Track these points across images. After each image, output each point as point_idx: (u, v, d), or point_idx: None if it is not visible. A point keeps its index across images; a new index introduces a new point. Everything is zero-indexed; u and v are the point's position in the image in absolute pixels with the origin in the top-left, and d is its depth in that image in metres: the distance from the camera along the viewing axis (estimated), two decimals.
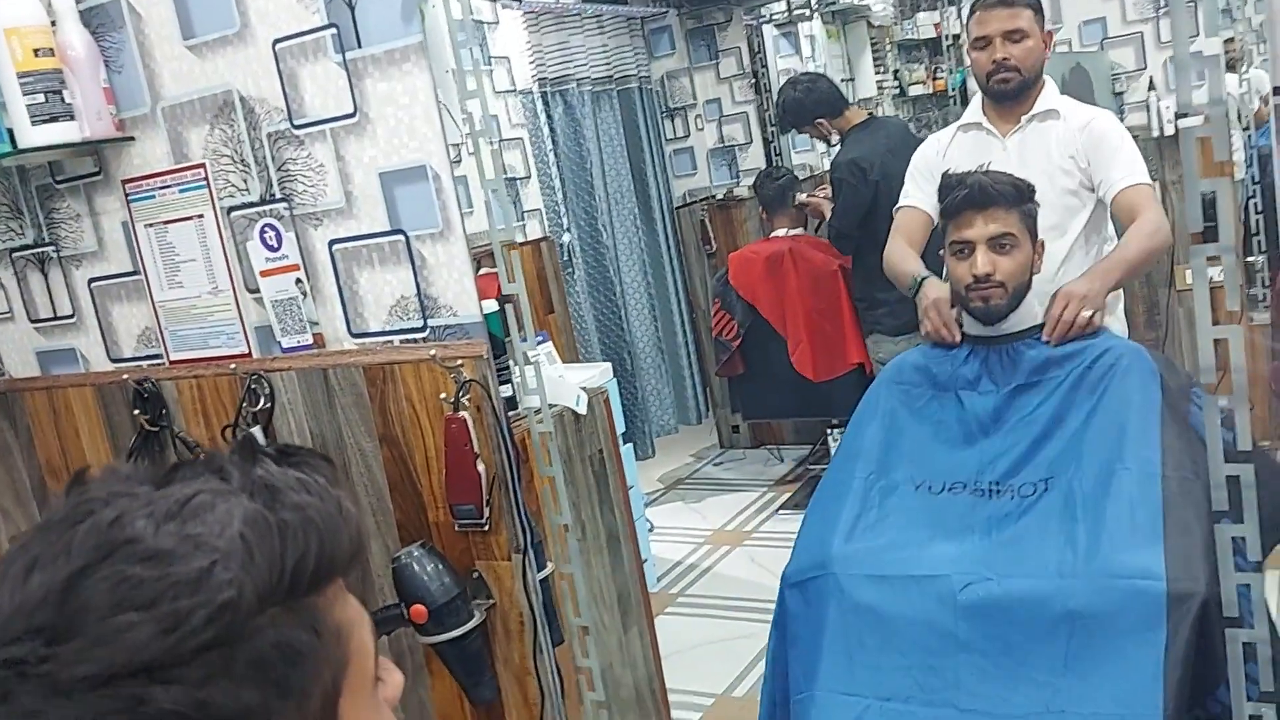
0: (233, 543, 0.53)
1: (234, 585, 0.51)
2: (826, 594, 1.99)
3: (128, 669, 0.49)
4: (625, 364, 4.38)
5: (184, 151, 1.93)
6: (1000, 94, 2.42)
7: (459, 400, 1.72)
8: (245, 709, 0.51)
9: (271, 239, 1.87)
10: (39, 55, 1.84)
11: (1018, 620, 1.83)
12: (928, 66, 6.20)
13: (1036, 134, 2.43)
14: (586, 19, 4.29)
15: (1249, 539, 1.29)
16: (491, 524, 1.79)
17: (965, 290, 2.04)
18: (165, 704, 0.49)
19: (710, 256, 4.76)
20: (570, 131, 4.21)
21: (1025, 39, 2.37)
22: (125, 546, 0.52)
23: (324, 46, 1.74)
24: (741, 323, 4.07)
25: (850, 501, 2.06)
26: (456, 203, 1.71)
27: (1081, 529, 1.87)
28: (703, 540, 4.01)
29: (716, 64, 4.68)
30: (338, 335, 1.88)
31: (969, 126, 2.52)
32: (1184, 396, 1.99)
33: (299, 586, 0.54)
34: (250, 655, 0.51)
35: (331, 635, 0.56)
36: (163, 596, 0.50)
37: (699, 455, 4.99)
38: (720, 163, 4.77)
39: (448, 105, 1.75)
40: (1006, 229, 2.00)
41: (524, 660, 1.84)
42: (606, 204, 4.37)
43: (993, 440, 2.01)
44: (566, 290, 4.06)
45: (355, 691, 0.58)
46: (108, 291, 2.13)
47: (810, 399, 3.98)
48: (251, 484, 0.56)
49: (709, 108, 4.73)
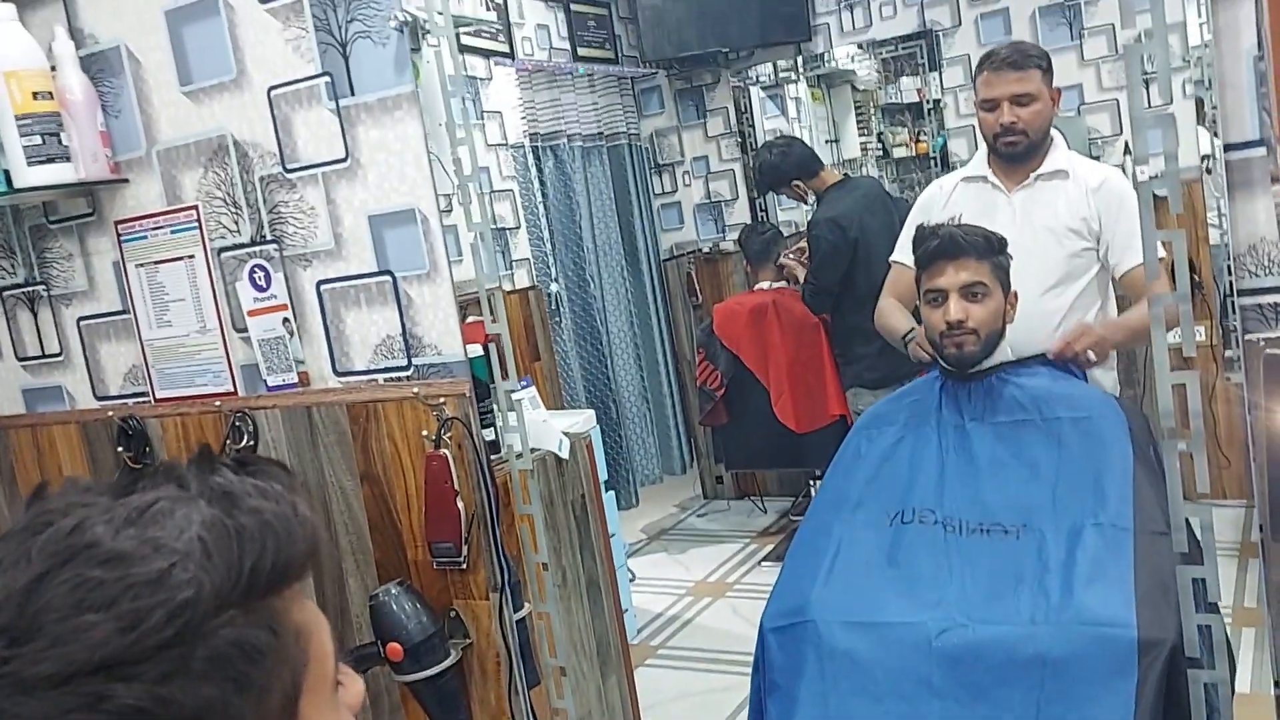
0: (191, 545, 0.54)
1: (192, 585, 0.53)
2: (804, 640, 2.01)
3: (88, 667, 0.50)
4: (610, 413, 4.41)
5: (177, 193, 1.97)
6: (1008, 156, 2.39)
7: (440, 438, 1.75)
8: (205, 704, 0.52)
9: (260, 279, 1.91)
10: (38, 98, 1.89)
11: (991, 666, 1.85)
12: (910, 130, 6.31)
13: (1044, 192, 2.40)
14: (578, 78, 4.38)
15: (1209, 580, 1.32)
16: (470, 562, 1.81)
17: (940, 337, 2.09)
18: (126, 700, 0.50)
19: (696, 308, 4.82)
20: (560, 185, 4.28)
21: (1033, 102, 2.34)
22: (85, 551, 0.53)
23: (318, 94, 1.79)
24: (725, 373, 4.11)
25: (828, 543, 2.08)
26: (444, 245, 1.75)
27: (1054, 578, 1.89)
28: (685, 591, 4.01)
29: (704, 123, 4.78)
30: (323, 374, 1.91)
31: (973, 179, 2.49)
32: (1155, 448, 2.03)
33: (256, 588, 0.56)
34: (209, 653, 0.52)
35: (290, 635, 0.58)
36: (122, 596, 0.51)
37: (682, 505, 4.99)
38: (707, 218, 4.85)
39: (439, 156, 1.81)
40: (978, 278, 2.05)
41: (500, 701, 1.85)
42: (594, 255, 4.43)
43: (967, 476, 2.05)
44: (553, 339, 4.10)
45: (315, 692, 0.59)
46: (96, 330, 2.16)
47: (793, 450, 4.00)
48: (209, 491, 0.58)
49: (696, 164, 4.82)
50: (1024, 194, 2.42)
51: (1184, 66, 3.64)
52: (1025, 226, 2.35)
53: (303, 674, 0.58)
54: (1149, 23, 1.20)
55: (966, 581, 1.96)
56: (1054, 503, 1.97)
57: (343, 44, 1.74)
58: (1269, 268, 1.24)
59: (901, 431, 2.17)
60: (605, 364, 4.43)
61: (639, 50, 4.56)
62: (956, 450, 2.09)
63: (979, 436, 2.09)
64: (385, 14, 1.69)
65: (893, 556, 2.05)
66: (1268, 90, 1.17)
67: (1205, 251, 3.66)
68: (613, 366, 4.47)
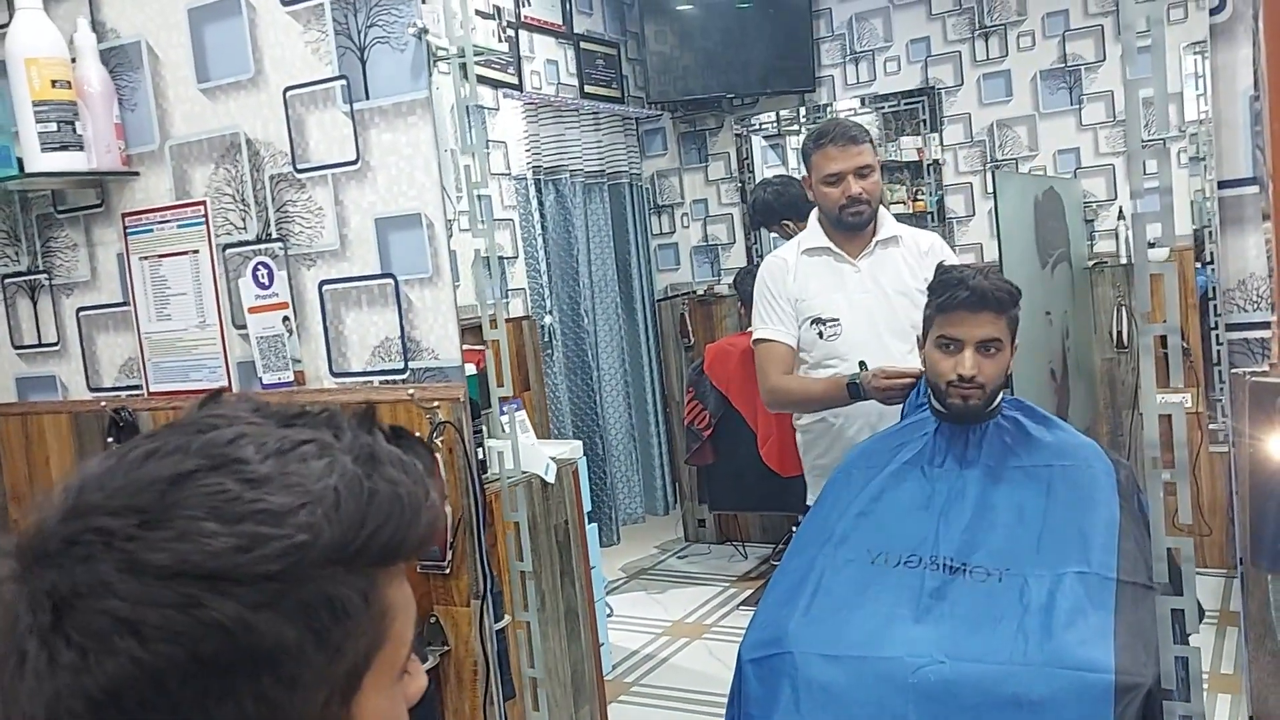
0: (325, 491, 0.56)
1: (313, 530, 0.55)
2: (781, 672, 2.00)
3: (197, 571, 0.52)
4: (597, 449, 4.41)
5: (186, 189, 1.99)
6: (854, 225, 2.47)
7: (433, 440, 1.76)
8: (281, 645, 0.54)
9: (264, 277, 1.93)
10: (56, 86, 1.92)
11: (967, 706, 1.84)
12: (909, 188, 6.40)
13: (886, 257, 2.50)
14: (584, 115, 4.45)
15: (1188, 612, 1.33)
16: (453, 568, 1.80)
17: (946, 385, 2.09)
18: (216, 613, 0.52)
19: (688, 349, 4.84)
20: (560, 218, 4.32)
21: (872, 173, 2.45)
22: (234, 464, 0.56)
23: (333, 96, 1.82)
24: (714, 413, 4.12)
25: (810, 576, 2.08)
26: (448, 249, 1.77)
27: (1034, 621, 1.90)
28: (661, 631, 3.98)
29: (706, 167, 4.84)
30: (319, 374, 1.92)
31: (816, 250, 2.54)
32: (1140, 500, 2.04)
33: (367, 554, 0.57)
34: (303, 597, 0.54)
35: (379, 609, 0.59)
36: (249, 518, 0.54)
37: (664, 547, 4.98)
38: (703, 260, 4.89)
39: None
40: (996, 334, 2.06)
41: (474, 711, 1.84)
42: (590, 290, 4.46)
43: (953, 517, 2.06)
44: (545, 370, 4.12)
45: (382, 672, 0.60)
46: (95, 321, 2.17)
47: (777, 493, 4.00)
48: (358, 447, 0.60)
49: (696, 207, 4.87)
50: (868, 261, 2.49)
51: (1180, 137, 3.72)
52: (876, 291, 2.44)
53: (377, 651, 0.59)
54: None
55: (946, 620, 1.97)
56: (1038, 549, 1.98)
57: (361, 48, 1.78)
58: (1257, 303, 1.27)
59: (891, 469, 2.18)
60: (594, 399, 4.44)
61: (645, 91, 4.63)
62: (946, 492, 2.10)
63: (969, 480, 2.09)
64: (405, 20, 1.73)
65: (874, 593, 2.05)
66: (1262, 129, 1.20)
67: (1193, 320, 3.71)
68: (601, 402, 4.48)
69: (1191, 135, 3.68)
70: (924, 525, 2.08)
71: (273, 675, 0.54)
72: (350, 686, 0.58)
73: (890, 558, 2.06)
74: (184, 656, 0.52)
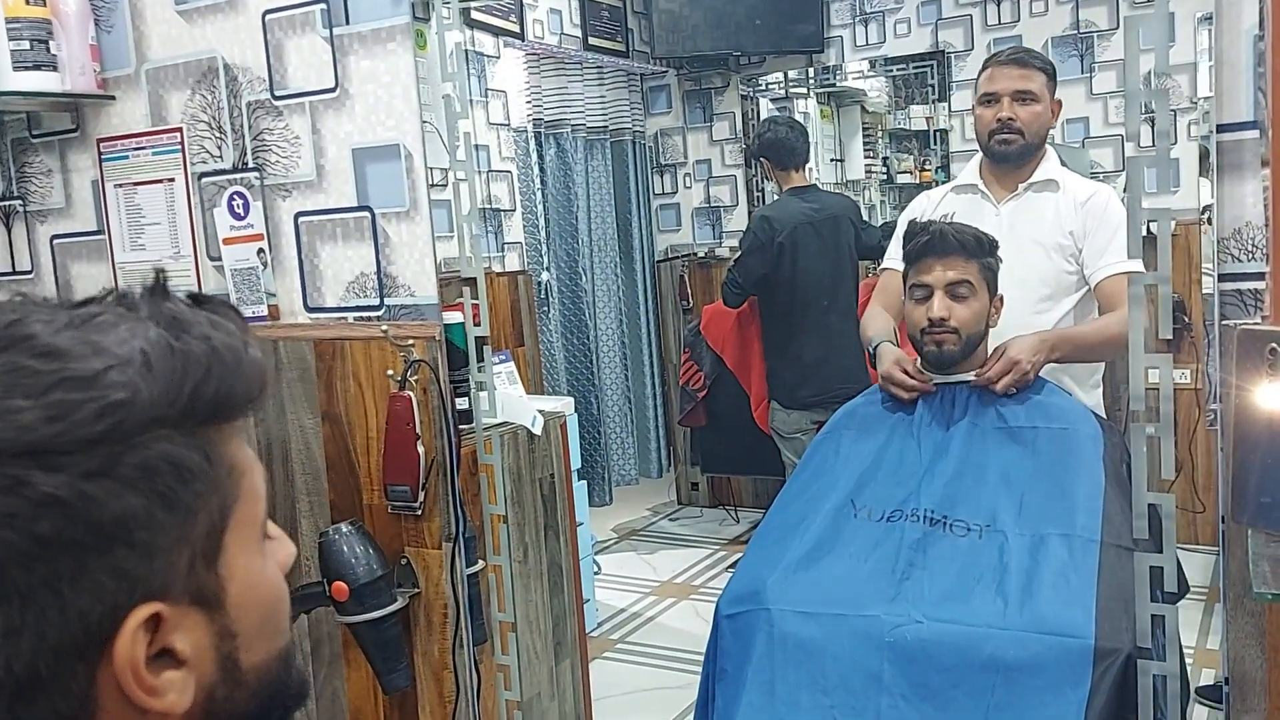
0: (132, 353, 0.53)
1: (128, 388, 0.52)
2: (756, 627, 1.97)
3: (12, 449, 0.49)
4: (591, 408, 4.37)
5: (162, 114, 1.94)
6: (1001, 155, 2.31)
7: (406, 379, 1.72)
8: (128, 512, 0.51)
9: (239, 207, 1.88)
10: (30, 3, 1.87)
11: (943, 666, 1.82)
12: (916, 157, 6.32)
13: (1032, 204, 2.34)
14: (587, 68, 4.37)
15: (1166, 570, 1.29)
16: (425, 509, 1.77)
17: (920, 334, 2.07)
18: (45, 488, 0.49)
19: (686, 312, 4.79)
20: (560, 174, 4.26)
21: (1034, 102, 2.27)
22: (23, 342, 0.52)
23: (312, 20, 1.77)
24: (708, 375, 4.08)
25: (792, 534, 2.06)
26: (426, 183, 1.73)
27: (1014, 583, 1.87)
28: (649, 590, 3.97)
29: (710, 126, 4.77)
30: (293, 309, 1.88)
31: (963, 188, 2.43)
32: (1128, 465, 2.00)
33: (195, 412, 0.54)
34: (138, 461, 0.52)
35: (224, 467, 0.57)
36: (54, 388, 0.51)
37: (656, 510, 4.96)
38: (704, 222, 4.83)
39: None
40: (964, 276, 2.03)
41: (443, 655, 1.81)
42: (589, 248, 4.41)
43: (937, 472, 2.03)
44: (540, 327, 4.07)
45: (242, 530, 0.58)
46: (69, 249, 2.13)
47: (769, 457, 3.97)
48: (160, 314, 0.57)
49: (699, 167, 4.81)
50: (1012, 205, 2.35)
51: (1191, 109, 3.65)
52: (1011, 240, 2.24)
53: (231, 508, 0.57)
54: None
55: (925, 579, 1.94)
56: (1021, 508, 1.95)
57: None
58: (1252, 253, 1.22)
59: (877, 429, 2.15)
60: (590, 358, 4.40)
61: (650, 46, 4.56)
62: (931, 449, 2.07)
63: (955, 437, 2.06)
64: None
65: (855, 550, 2.02)
66: (1265, 71, 1.15)
67: (1196, 295, 3.65)
68: (597, 362, 4.44)
69: (1205, 114, 3.61)
70: (908, 481, 2.04)
71: (126, 545, 0.51)
72: (212, 546, 0.56)
73: (874, 512, 2.04)
74: (23, 540, 0.49)
